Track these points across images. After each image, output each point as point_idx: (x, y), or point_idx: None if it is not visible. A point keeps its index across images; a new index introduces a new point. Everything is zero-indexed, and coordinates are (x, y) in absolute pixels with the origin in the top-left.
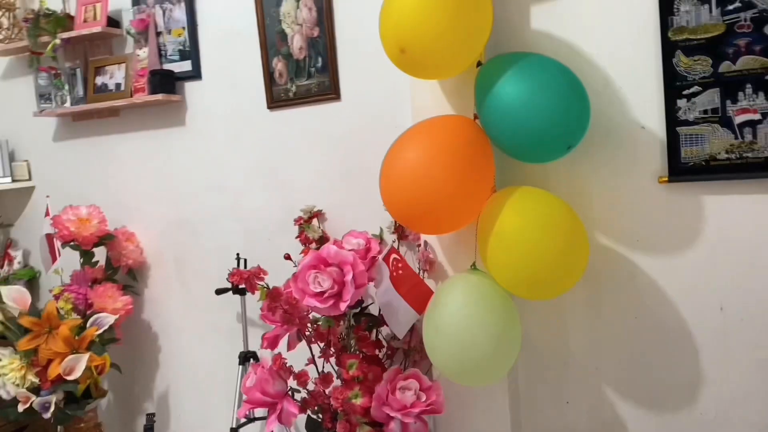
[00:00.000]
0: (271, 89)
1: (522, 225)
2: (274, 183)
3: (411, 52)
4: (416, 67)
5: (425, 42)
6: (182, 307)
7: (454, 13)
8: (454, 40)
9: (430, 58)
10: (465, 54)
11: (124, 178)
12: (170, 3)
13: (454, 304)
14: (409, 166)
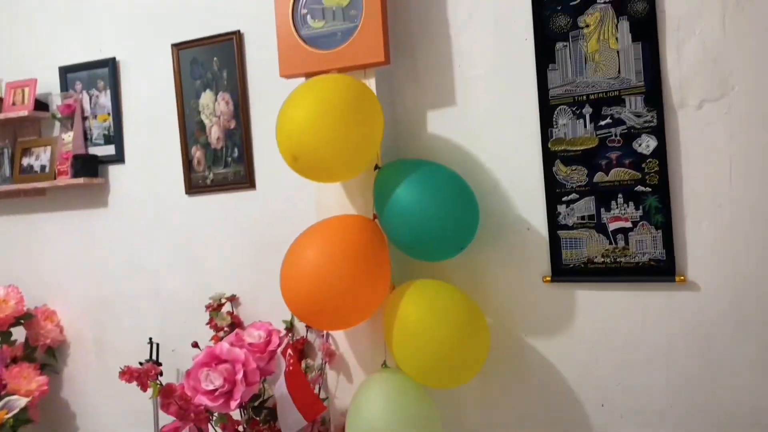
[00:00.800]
0: (189, 176)
1: (423, 315)
2: (191, 266)
3: (303, 159)
4: (310, 173)
5: (315, 151)
6: (101, 387)
7: (342, 125)
8: (344, 149)
9: (322, 165)
10: (356, 161)
11: (47, 257)
12: (97, 90)
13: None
14: (307, 265)
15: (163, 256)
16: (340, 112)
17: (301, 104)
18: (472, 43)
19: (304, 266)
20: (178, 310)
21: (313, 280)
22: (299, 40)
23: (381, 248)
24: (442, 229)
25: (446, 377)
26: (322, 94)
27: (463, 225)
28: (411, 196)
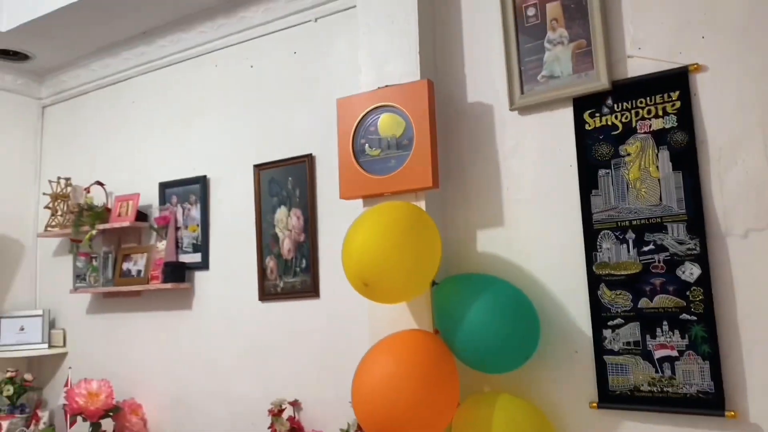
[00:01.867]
0: (263, 283)
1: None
2: (259, 369)
3: (373, 285)
4: (378, 296)
5: (384, 276)
6: None
7: (408, 250)
8: (409, 272)
9: (389, 289)
10: (419, 281)
11: (138, 353)
12: (189, 203)
13: None
14: (377, 380)
15: (235, 358)
16: (405, 238)
17: (368, 232)
18: (519, 168)
19: (374, 382)
20: (245, 412)
21: (383, 394)
22: (358, 166)
23: (448, 362)
24: (509, 339)
25: None
26: (387, 222)
27: (526, 334)
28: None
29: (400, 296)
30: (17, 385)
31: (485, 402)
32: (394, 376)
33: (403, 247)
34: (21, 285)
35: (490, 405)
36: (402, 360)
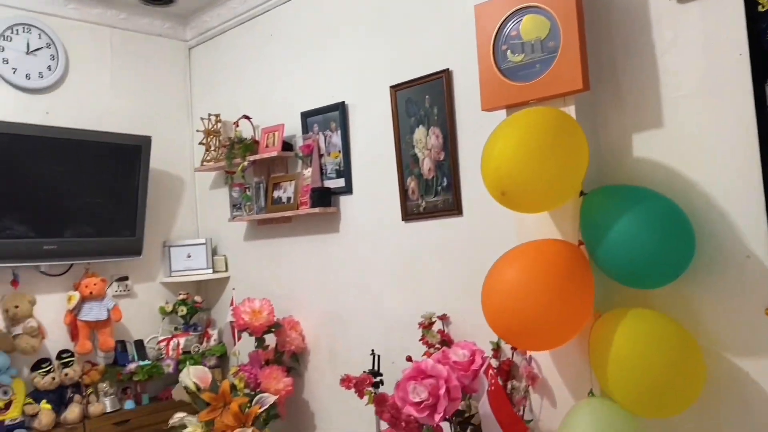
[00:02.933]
0: (405, 204)
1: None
2: (407, 286)
3: (511, 194)
4: (517, 206)
5: (523, 185)
6: (333, 391)
7: (548, 157)
8: (550, 181)
9: (529, 198)
10: (562, 191)
11: (293, 274)
12: (330, 130)
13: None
14: (508, 283)
15: (382, 276)
16: (546, 145)
17: (507, 140)
18: (679, 62)
19: (505, 284)
20: (396, 326)
21: (512, 298)
22: (500, 74)
23: (585, 274)
24: (658, 256)
25: (661, 407)
26: (527, 128)
27: (678, 252)
28: (625, 223)
29: (541, 206)
30: (189, 306)
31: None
32: (523, 280)
33: (543, 154)
34: (184, 216)
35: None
36: (533, 265)
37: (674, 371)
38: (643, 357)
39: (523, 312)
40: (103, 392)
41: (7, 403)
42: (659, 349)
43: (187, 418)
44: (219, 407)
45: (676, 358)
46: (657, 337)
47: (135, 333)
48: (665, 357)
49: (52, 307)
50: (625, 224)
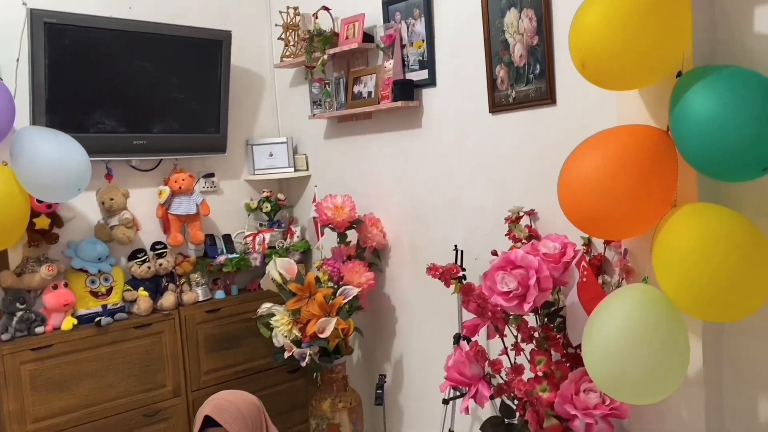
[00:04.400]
0: (493, 94)
1: (700, 242)
2: (492, 181)
3: (590, 66)
4: (598, 80)
5: (603, 56)
6: (415, 286)
7: (635, 27)
8: (636, 54)
9: (610, 71)
10: (651, 67)
11: (374, 171)
12: (413, 18)
13: (614, 317)
14: (584, 171)
15: (467, 172)
16: (638, 12)
17: (592, 8)
18: None
19: (581, 172)
20: (480, 222)
21: (587, 186)
22: None
23: (668, 162)
24: (745, 145)
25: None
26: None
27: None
28: (711, 106)
29: (623, 82)
30: (273, 203)
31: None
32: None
33: (632, 22)
34: (265, 115)
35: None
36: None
37: (737, 276)
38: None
39: (597, 200)
40: (195, 282)
41: (109, 288)
42: (726, 249)
43: (275, 308)
44: (305, 297)
45: (742, 263)
46: (726, 236)
47: (222, 228)
48: (730, 259)
49: (144, 201)
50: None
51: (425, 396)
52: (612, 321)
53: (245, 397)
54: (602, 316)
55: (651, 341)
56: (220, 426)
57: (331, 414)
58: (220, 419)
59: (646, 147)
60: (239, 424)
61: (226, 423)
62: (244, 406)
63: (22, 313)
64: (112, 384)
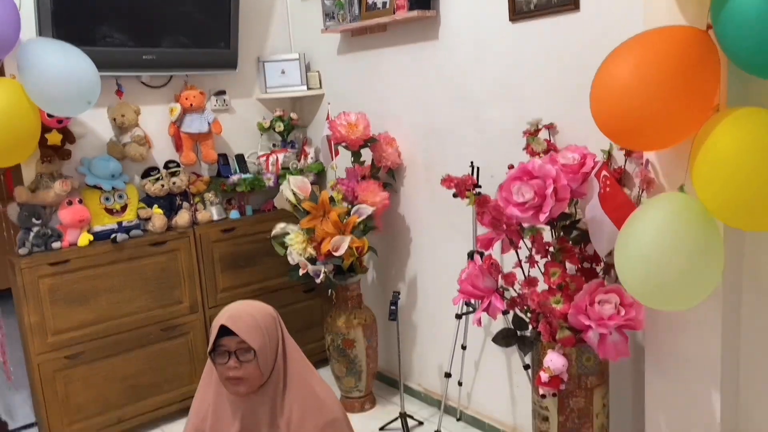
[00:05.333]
0: (513, 1)
1: (742, 148)
2: (511, 95)
3: None
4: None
5: None
6: (429, 206)
7: None
8: None
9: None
10: None
11: (387, 88)
12: None
13: (648, 223)
14: (620, 77)
15: (485, 86)
16: None
17: None
18: None
19: (616, 79)
20: (497, 138)
21: (623, 94)
22: None
23: (709, 64)
24: None
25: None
26: None
27: None
28: None
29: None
30: (286, 122)
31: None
32: (636, 73)
33: None
34: (276, 30)
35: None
36: (648, 57)
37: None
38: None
39: (634, 109)
40: (209, 201)
41: (123, 206)
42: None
43: (289, 227)
44: (319, 216)
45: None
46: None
47: (235, 148)
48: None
49: (156, 118)
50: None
51: (438, 313)
52: (648, 228)
53: (261, 307)
54: (638, 224)
55: (687, 248)
56: (236, 335)
57: (346, 330)
58: (236, 328)
59: (685, 49)
60: (255, 334)
61: (241, 332)
62: (259, 316)
63: (38, 229)
64: (129, 299)
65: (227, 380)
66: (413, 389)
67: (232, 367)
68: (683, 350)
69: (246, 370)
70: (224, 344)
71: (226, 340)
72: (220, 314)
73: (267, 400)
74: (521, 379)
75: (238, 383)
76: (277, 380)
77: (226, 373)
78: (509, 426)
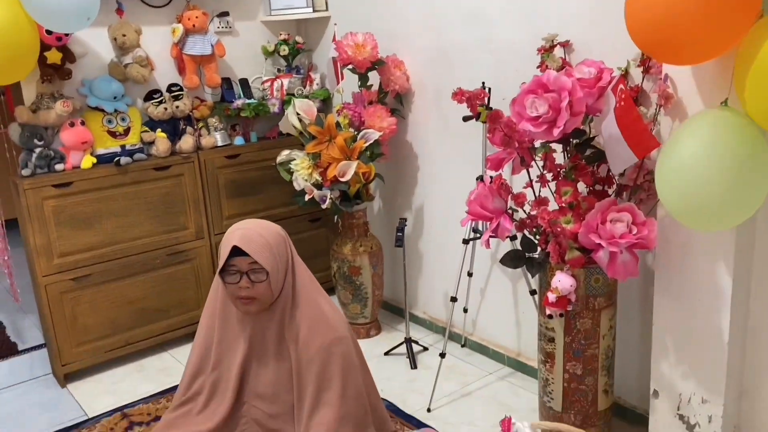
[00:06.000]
0: None
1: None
2: (525, 13)
3: None
4: None
5: None
6: (438, 133)
7: None
8: None
9: None
10: None
11: (396, 9)
12: None
13: (693, 139)
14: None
15: (499, 2)
16: None
17: None
18: None
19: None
20: (510, 59)
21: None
22: None
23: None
24: None
25: None
26: None
27: None
28: None
29: None
30: (291, 46)
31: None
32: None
33: None
34: None
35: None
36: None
37: None
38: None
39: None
40: (213, 127)
41: (126, 129)
42: None
43: (295, 152)
44: (325, 141)
45: None
46: None
47: (239, 72)
48: None
49: (158, 40)
50: None
51: (445, 241)
52: (691, 143)
53: (271, 228)
54: (681, 138)
55: (732, 163)
56: (247, 255)
57: (352, 257)
58: (249, 250)
59: None
60: (266, 254)
61: (254, 253)
62: (270, 236)
63: (41, 150)
64: (134, 224)
65: (238, 299)
66: (418, 317)
67: (244, 287)
68: (694, 272)
69: (257, 289)
70: (236, 264)
71: (238, 260)
72: (229, 233)
73: (275, 318)
74: (527, 306)
75: (249, 303)
76: (286, 299)
77: (237, 292)
78: (513, 351)
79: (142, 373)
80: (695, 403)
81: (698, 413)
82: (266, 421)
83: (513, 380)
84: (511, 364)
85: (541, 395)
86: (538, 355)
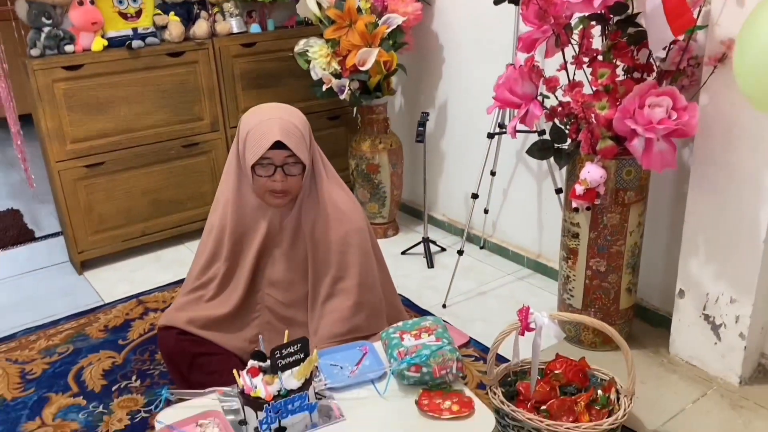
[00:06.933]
0: None
1: None
2: None
3: None
4: None
5: None
6: (466, 23)
7: None
8: None
9: None
10: None
11: None
12: None
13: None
14: None
15: None
16: None
17: None
18: None
19: None
20: None
21: None
22: None
23: None
24: None
25: None
26: None
27: None
28: None
29: None
30: None
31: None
32: None
33: None
34: None
35: None
36: None
37: None
38: None
39: None
40: (228, 12)
41: (138, 11)
42: None
43: (313, 39)
44: (344, 26)
45: None
46: None
47: None
48: None
49: None
50: None
51: (468, 140)
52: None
53: (299, 116)
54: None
55: None
56: (284, 149)
57: (370, 154)
58: (290, 143)
59: None
60: (303, 148)
61: (295, 147)
62: (302, 127)
63: (49, 29)
64: (148, 111)
65: (270, 193)
66: (437, 219)
67: (279, 180)
68: (734, 165)
69: (290, 183)
70: (270, 157)
71: (275, 152)
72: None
73: (294, 206)
74: (551, 205)
75: (282, 196)
76: (307, 189)
77: (270, 185)
78: (533, 253)
79: (158, 263)
80: (723, 303)
81: (725, 313)
82: (280, 308)
83: (532, 281)
84: (531, 266)
85: (560, 293)
86: (560, 252)
